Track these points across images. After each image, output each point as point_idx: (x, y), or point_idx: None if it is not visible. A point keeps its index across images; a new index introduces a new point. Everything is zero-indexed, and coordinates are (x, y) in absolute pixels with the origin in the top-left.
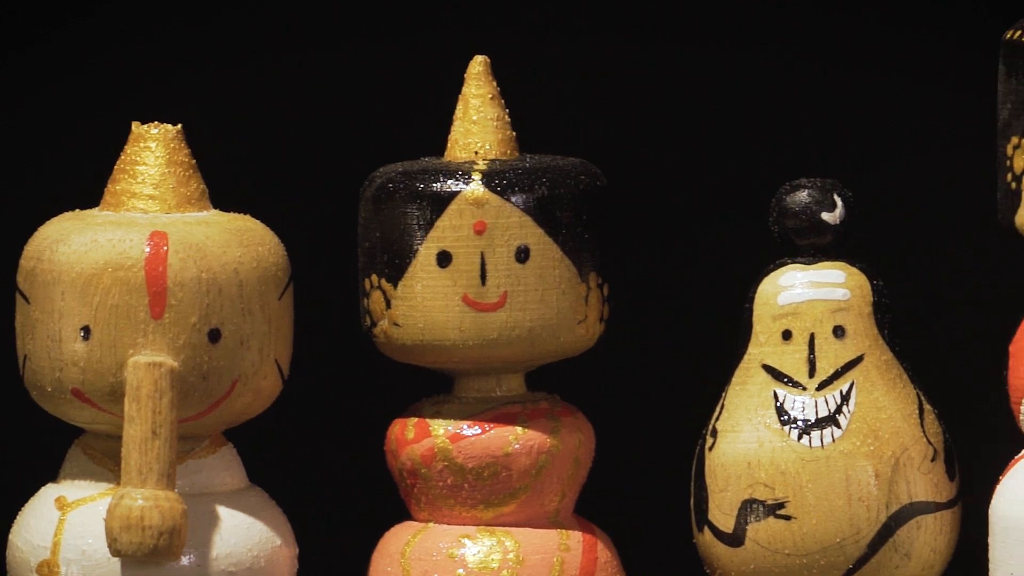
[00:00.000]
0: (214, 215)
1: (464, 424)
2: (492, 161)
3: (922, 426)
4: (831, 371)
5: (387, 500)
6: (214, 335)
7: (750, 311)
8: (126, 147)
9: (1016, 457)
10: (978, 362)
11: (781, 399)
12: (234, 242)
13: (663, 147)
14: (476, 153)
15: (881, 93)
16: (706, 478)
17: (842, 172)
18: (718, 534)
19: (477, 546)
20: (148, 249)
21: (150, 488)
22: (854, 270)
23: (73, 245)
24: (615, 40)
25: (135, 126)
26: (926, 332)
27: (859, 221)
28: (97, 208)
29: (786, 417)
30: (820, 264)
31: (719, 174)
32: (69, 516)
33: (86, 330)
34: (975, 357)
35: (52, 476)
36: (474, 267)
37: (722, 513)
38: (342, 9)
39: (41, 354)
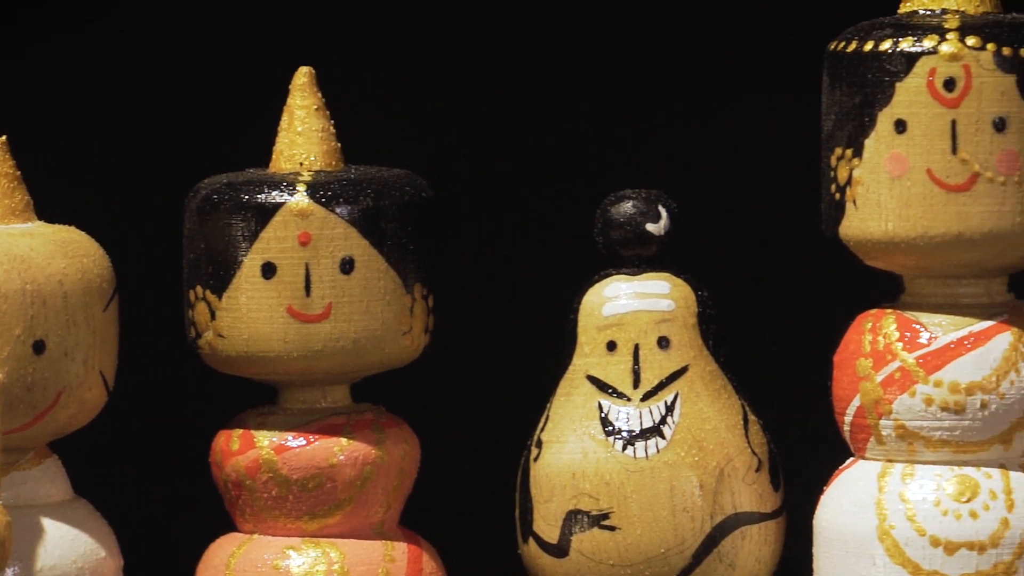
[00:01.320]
0: (39, 227)
1: (289, 435)
2: (317, 172)
3: (747, 437)
4: (656, 382)
5: (212, 512)
6: (39, 347)
7: (575, 322)
8: None
9: (840, 468)
10: (803, 373)
11: (606, 410)
12: (59, 254)
13: (489, 158)
14: (301, 164)
15: (706, 103)
16: (531, 489)
17: (667, 183)
18: (543, 545)
19: (302, 557)
20: None
21: None
22: (679, 281)
23: None
24: (439, 50)
25: None
26: (751, 343)
27: (684, 232)
28: None
29: (611, 428)
30: (645, 275)
31: (544, 185)
32: None
33: None
34: (800, 368)
35: None
36: (299, 278)
37: (547, 524)
38: (168, 20)
39: None
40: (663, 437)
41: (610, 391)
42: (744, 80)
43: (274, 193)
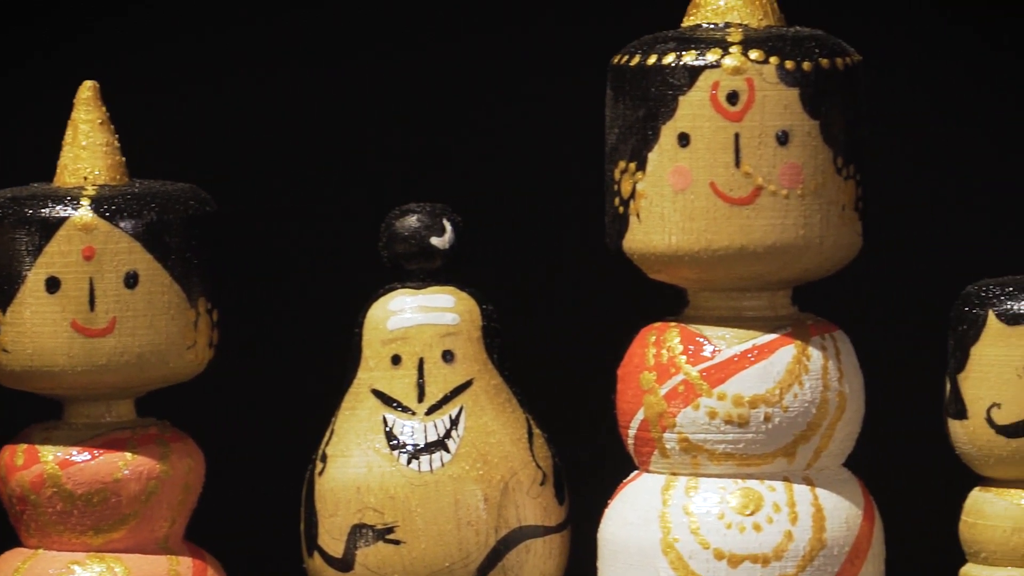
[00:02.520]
0: None
1: (73, 450)
2: (101, 187)
3: (531, 450)
4: (440, 396)
5: None
6: None
7: (359, 336)
8: None
9: (624, 481)
10: (588, 386)
11: (391, 424)
12: None
13: (274, 171)
14: (85, 179)
15: (491, 117)
16: (316, 503)
17: (452, 196)
18: (328, 559)
19: (87, 572)
20: None
21: None
22: (463, 295)
23: None
24: (221, 64)
25: None
26: (536, 356)
27: (469, 245)
28: None
29: (396, 442)
30: (430, 289)
31: (330, 198)
32: None
33: None
34: (585, 381)
35: None
36: (83, 293)
37: (332, 538)
38: None
39: None
40: (448, 451)
41: (395, 405)
42: (528, 93)
43: (58, 207)
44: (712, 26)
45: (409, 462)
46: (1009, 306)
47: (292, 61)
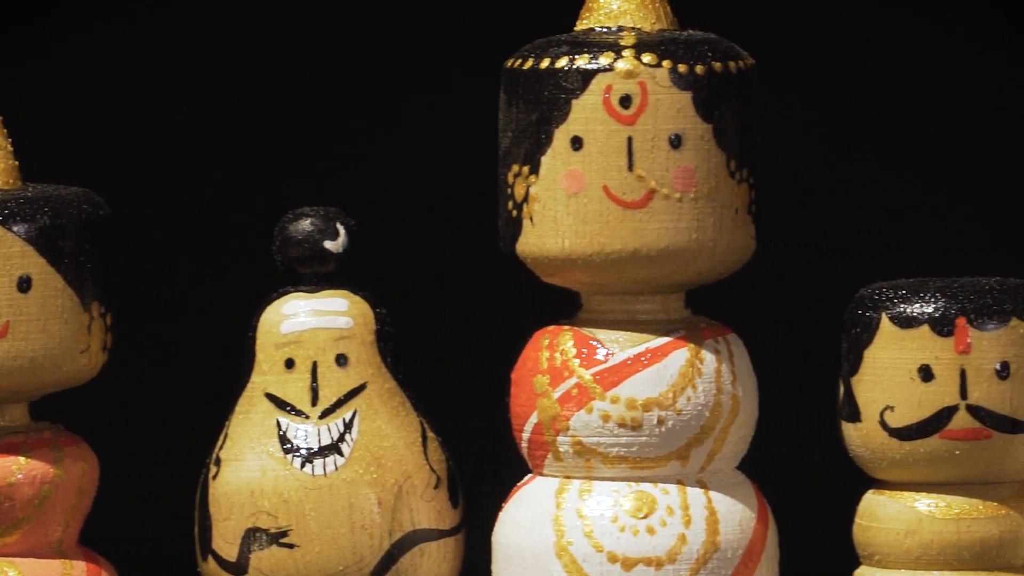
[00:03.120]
0: None
1: None
2: None
3: (425, 454)
4: (334, 399)
5: None
6: None
7: (253, 340)
8: None
9: (518, 484)
10: (482, 390)
11: (284, 428)
12: None
13: (168, 175)
14: None
15: (384, 120)
16: (210, 507)
17: (346, 200)
18: (222, 563)
19: None
20: None
21: None
22: (357, 298)
23: None
24: (119, 69)
25: None
26: (431, 360)
27: (363, 249)
28: None
29: (289, 446)
30: (323, 292)
31: (223, 202)
32: None
33: None
34: (479, 385)
35: None
36: None
37: (226, 542)
38: None
39: None
40: (341, 455)
41: (288, 409)
42: (422, 97)
43: None
44: (605, 30)
45: (303, 466)
46: (902, 309)
47: (185, 65)
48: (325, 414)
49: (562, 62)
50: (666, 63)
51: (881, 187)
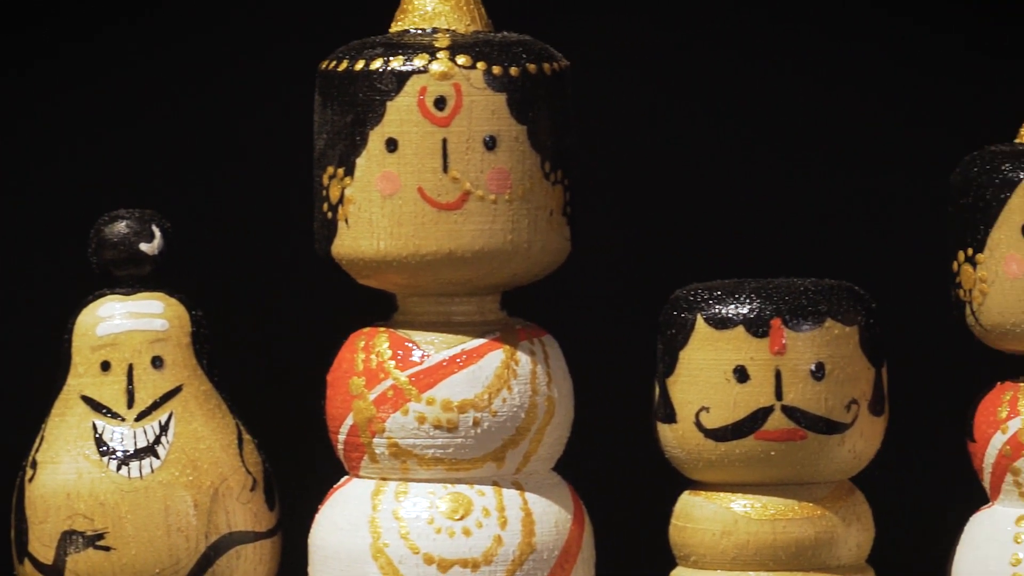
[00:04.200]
0: None
1: None
2: None
3: (241, 456)
4: (150, 402)
5: None
6: None
7: (69, 342)
8: None
9: (335, 486)
10: (299, 392)
11: (100, 430)
12: None
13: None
14: None
15: (200, 122)
16: (26, 510)
17: (161, 202)
18: (38, 566)
19: None
20: None
21: None
22: (173, 301)
23: None
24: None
25: None
26: (247, 362)
27: (179, 251)
28: None
29: (105, 448)
30: (139, 295)
31: (38, 204)
32: None
33: None
34: (296, 387)
35: None
36: None
37: (42, 545)
38: None
39: None
40: (157, 457)
41: (104, 411)
42: (238, 99)
43: None
44: (420, 32)
45: (119, 468)
46: (717, 310)
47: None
48: (141, 416)
49: (376, 64)
50: (480, 65)
51: (696, 188)
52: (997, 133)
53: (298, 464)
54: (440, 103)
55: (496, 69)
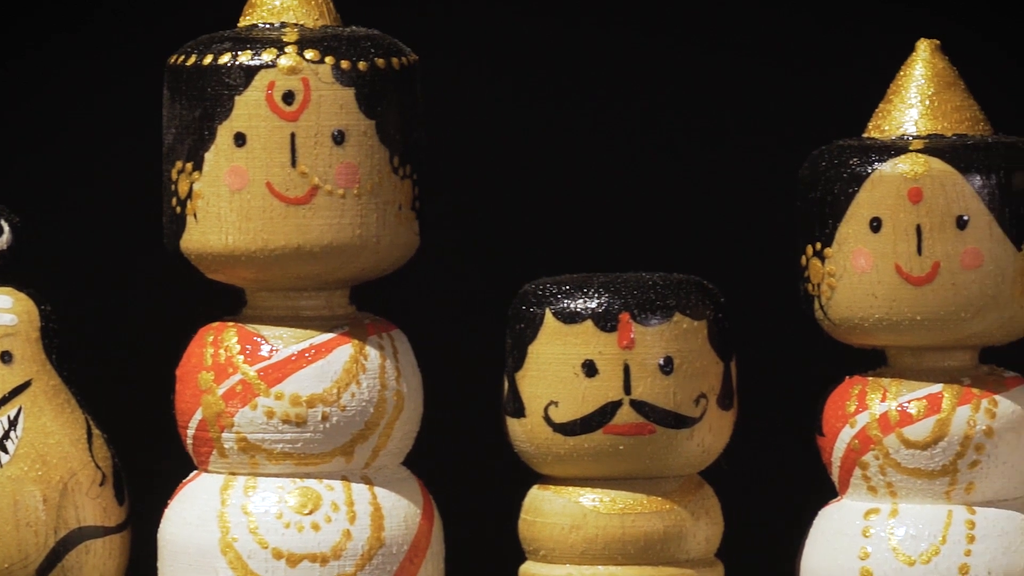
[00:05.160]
0: None
1: None
2: None
3: (91, 451)
4: None
5: None
6: None
7: None
8: None
9: (184, 481)
10: (149, 386)
11: None
12: None
13: None
14: None
15: (48, 113)
16: None
17: (9, 197)
18: None
19: None
20: None
21: None
22: (22, 295)
23: None
24: None
25: None
26: (97, 356)
27: (28, 245)
28: None
29: None
30: None
31: None
32: None
33: None
34: (146, 381)
35: None
36: None
37: None
38: None
39: None
40: (6, 452)
41: None
42: (87, 91)
43: None
44: (268, 26)
45: None
46: (565, 304)
47: None
48: None
49: (225, 58)
50: (329, 59)
51: (546, 183)
52: (844, 128)
53: (148, 459)
54: (288, 97)
55: (344, 64)
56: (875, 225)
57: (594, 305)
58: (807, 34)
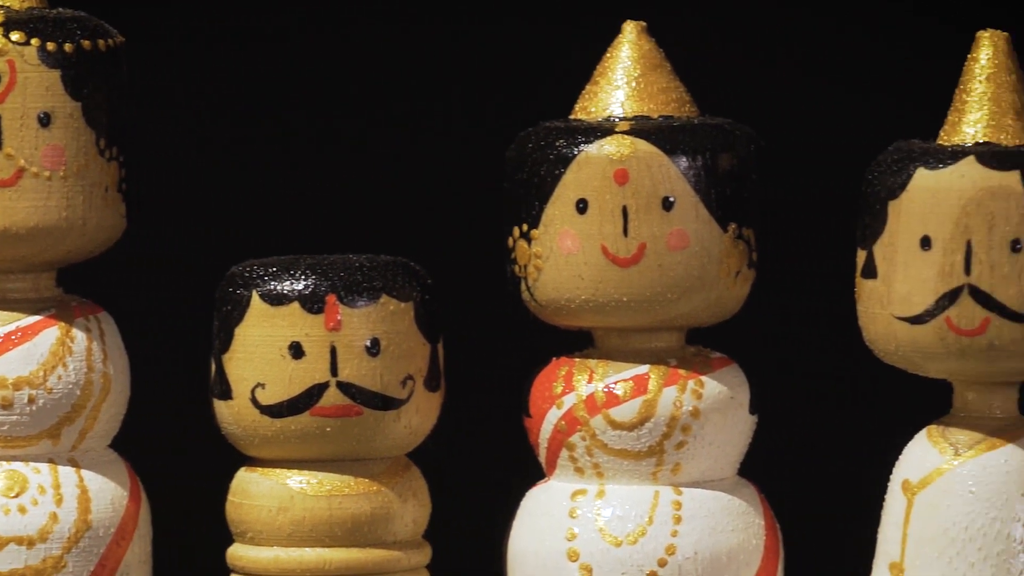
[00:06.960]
0: None
1: None
2: None
3: None
4: None
5: None
6: None
7: None
8: None
9: None
10: None
11: None
12: None
13: None
14: None
15: None
16: None
17: None
18: None
19: None
20: None
21: None
22: None
23: None
24: None
25: None
26: None
27: None
28: None
29: None
30: None
31: None
32: None
33: None
34: None
35: None
36: None
37: None
38: None
39: None
40: None
41: None
42: None
43: None
44: None
45: None
46: (272, 287)
47: None
48: None
49: None
50: (35, 41)
51: (253, 165)
52: (557, 110)
53: None
54: None
55: (50, 45)
56: (581, 207)
57: (300, 287)
58: (522, 13)
